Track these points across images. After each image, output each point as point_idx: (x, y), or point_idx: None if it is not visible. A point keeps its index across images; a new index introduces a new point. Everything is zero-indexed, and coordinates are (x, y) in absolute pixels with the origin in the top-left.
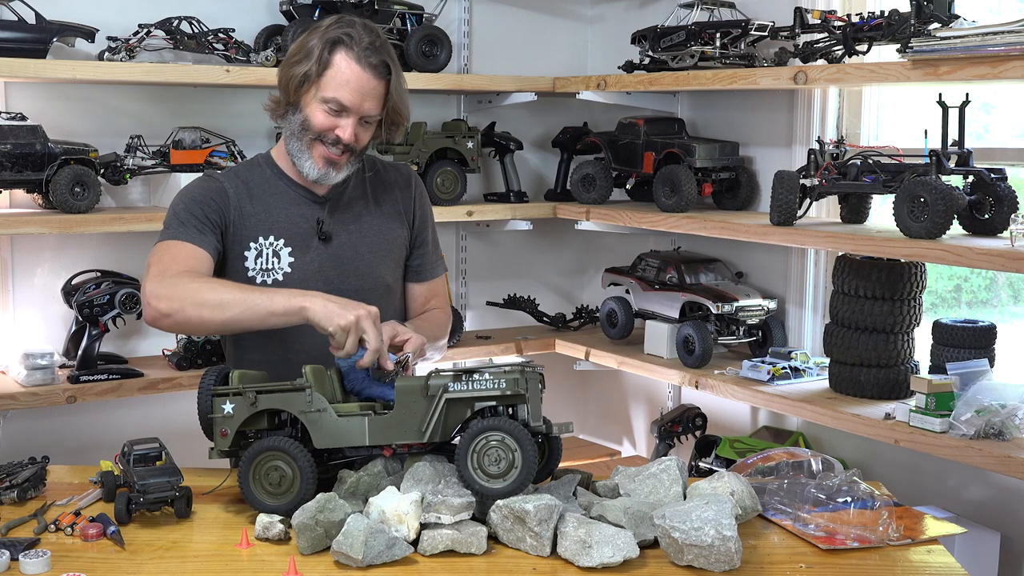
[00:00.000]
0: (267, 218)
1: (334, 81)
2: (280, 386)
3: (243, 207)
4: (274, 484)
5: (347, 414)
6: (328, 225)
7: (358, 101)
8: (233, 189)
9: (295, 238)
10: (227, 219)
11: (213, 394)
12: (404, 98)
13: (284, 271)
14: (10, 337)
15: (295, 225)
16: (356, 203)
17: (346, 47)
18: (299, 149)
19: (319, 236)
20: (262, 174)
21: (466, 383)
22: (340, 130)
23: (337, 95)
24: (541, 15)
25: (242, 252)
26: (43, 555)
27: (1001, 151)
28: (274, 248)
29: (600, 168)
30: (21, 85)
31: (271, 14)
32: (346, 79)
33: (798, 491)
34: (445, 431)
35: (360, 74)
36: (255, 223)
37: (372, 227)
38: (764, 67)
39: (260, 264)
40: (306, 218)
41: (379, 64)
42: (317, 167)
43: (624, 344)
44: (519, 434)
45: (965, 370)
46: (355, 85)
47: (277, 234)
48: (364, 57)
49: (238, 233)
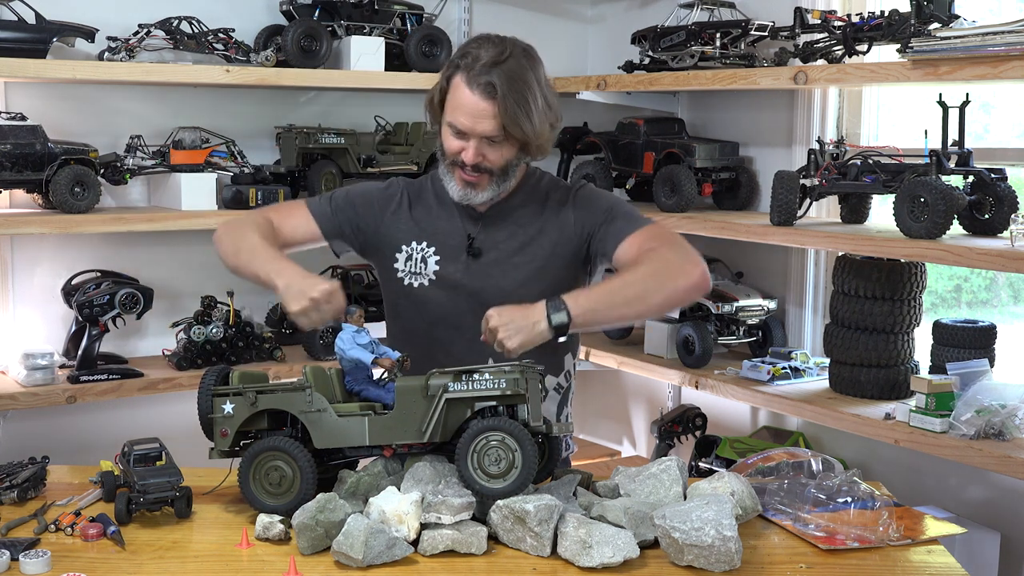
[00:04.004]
0: (426, 227)
1: (451, 104)
2: (280, 386)
3: (406, 212)
4: (274, 484)
5: (347, 414)
6: (480, 241)
7: (471, 124)
8: (401, 195)
9: (446, 248)
10: (383, 215)
11: (213, 394)
12: (521, 116)
13: (430, 277)
14: (10, 337)
15: (449, 236)
16: (516, 222)
17: (462, 69)
18: (444, 172)
19: (469, 251)
20: (431, 190)
21: (466, 383)
22: (464, 153)
23: (453, 119)
24: (541, 15)
25: (394, 253)
26: (43, 555)
27: (1001, 151)
28: (424, 254)
29: (600, 168)
30: (21, 85)
31: (271, 14)
32: (458, 103)
33: (798, 491)
34: (445, 431)
35: (469, 96)
36: (412, 229)
37: (521, 243)
38: (764, 67)
39: (409, 267)
40: (460, 232)
41: (487, 84)
42: (458, 189)
43: (624, 344)
44: (519, 434)
45: (965, 370)
46: (465, 108)
47: (429, 242)
48: (474, 78)
49: (392, 234)
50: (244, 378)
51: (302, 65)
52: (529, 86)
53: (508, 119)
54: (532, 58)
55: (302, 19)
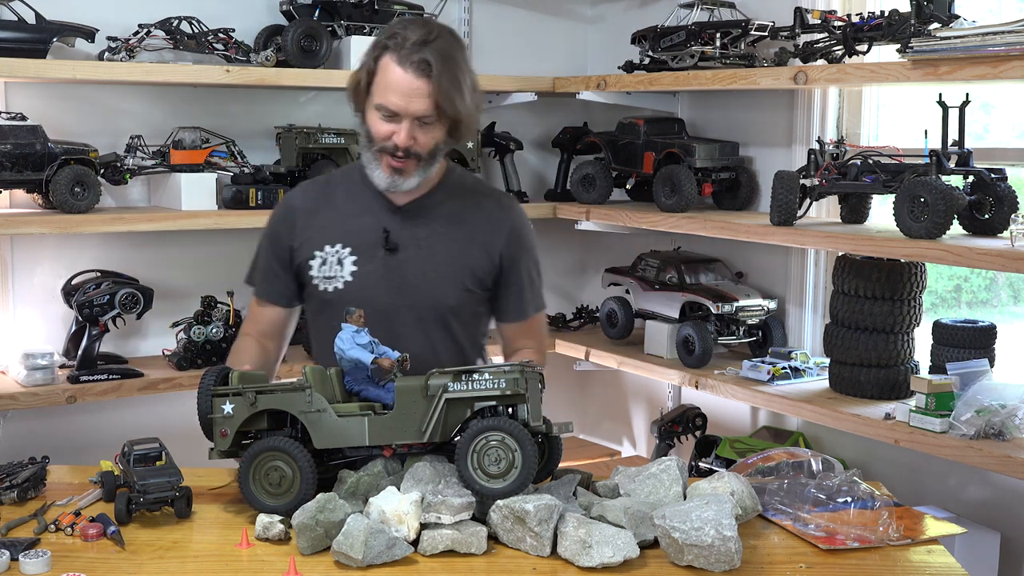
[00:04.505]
0: (339, 226)
1: (380, 86)
2: (280, 386)
3: (314, 219)
4: (274, 484)
5: (347, 414)
6: (396, 236)
7: (404, 103)
8: (305, 204)
9: (362, 247)
10: (291, 238)
11: (213, 394)
12: (455, 94)
13: (345, 279)
14: (10, 337)
15: (364, 234)
16: (435, 219)
17: (390, 50)
18: (369, 159)
19: (385, 247)
20: (351, 181)
21: (466, 383)
22: (396, 135)
23: (384, 100)
24: (541, 15)
25: (308, 261)
26: (43, 555)
27: (1001, 151)
28: (339, 256)
29: (600, 168)
30: (21, 85)
31: (271, 14)
32: (389, 82)
33: (798, 491)
34: (445, 431)
35: (401, 75)
36: (325, 232)
37: (444, 246)
38: (764, 67)
39: (323, 272)
40: (376, 227)
41: (420, 62)
42: (385, 175)
43: (624, 344)
44: (519, 434)
45: (965, 370)
46: (397, 87)
47: (344, 242)
48: (406, 57)
49: (306, 245)
50: (244, 378)
51: (302, 65)
52: (459, 65)
53: (443, 96)
54: (458, 39)
55: (302, 19)
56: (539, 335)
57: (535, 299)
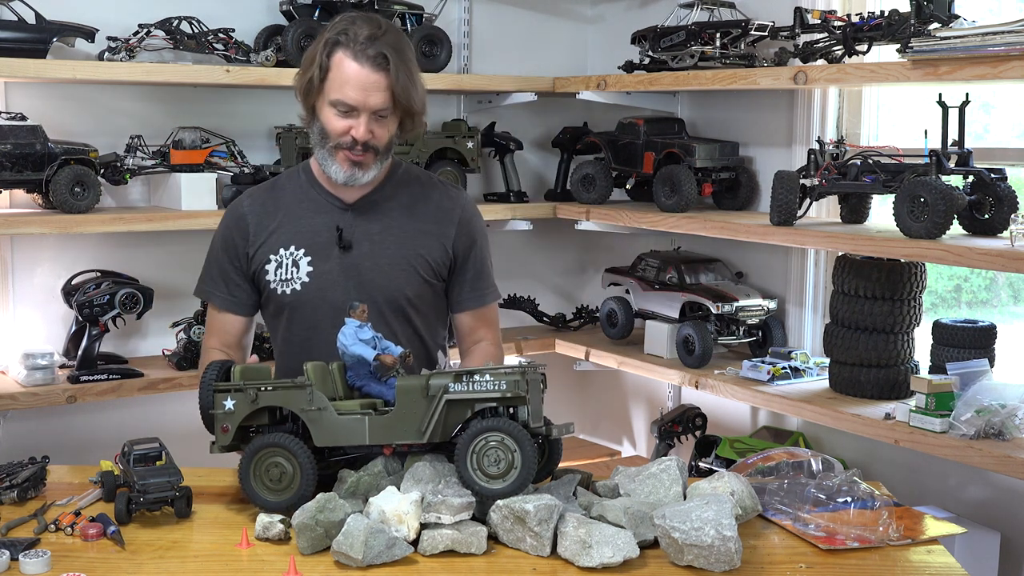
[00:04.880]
0: (291, 229)
1: (336, 82)
2: (281, 383)
3: (265, 224)
4: (274, 480)
5: (348, 413)
6: (349, 233)
7: (362, 98)
8: (254, 210)
9: (316, 247)
10: (247, 246)
11: (215, 390)
12: (411, 87)
13: (302, 280)
14: (10, 337)
15: (317, 234)
16: (387, 214)
17: (343, 46)
18: (324, 156)
19: (339, 244)
20: (297, 183)
21: (466, 384)
22: (354, 130)
23: (341, 96)
24: (541, 15)
25: (264, 266)
26: (43, 555)
27: (1001, 151)
28: (294, 258)
29: (600, 168)
30: (21, 85)
31: (271, 14)
32: (346, 78)
33: (798, 491)
34: (445, 431)
35: (358, 70)
36: (278, 236)
37: (397, 240)
38: (764, 67)
39: (280, 275)
40: (329, 226)
41: (376, 56)
42: (343, 170)
43: (624, 344)
44: (518, 434)
45: (965, 370)
46: (355, 82)
47: (298, 244)
48: (361, 51)
49: (261, 250)
50: (246, 373)
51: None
52: (411, 59)
53: (400, 88)
54: (403, 34)
55: (302, 19)
56: (494, 326)
57: (490, 287)
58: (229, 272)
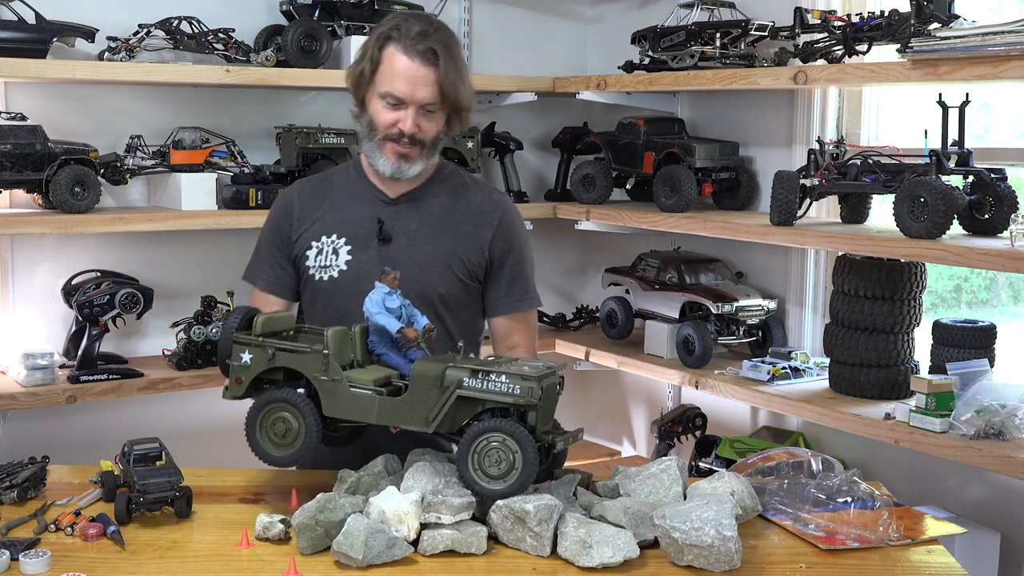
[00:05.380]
0: (335, 218)
1: (386, 75)
2: (300, 347)
3: (311, 211)
4: (279, 435)
5: (360, 387)
6: (390, 226)
7: (410, 91)
8: (302, 198)
9: (357, 237)
10: (291, 230)
11: (234, 340)
12: (459, 84)
13: (340, 268)
14: (10, 337)
15: (360, 225)
16: (426, 211)
17: (394, 40)
18: (372, 149)
19: (379, 237)
20: (346, 176)
21: (482, 381)
22: (401, 123)
23: (390, 88)
24: (541, 15)
25: (305, 251)
26: (43, 555)
27: (1001, 151)
28: (334, 246)
29: (600, 168)
30: (21, 85)
31: (271, 14)
32: (395, 71)
33: (798, 491)
34: (453, 423)
35: (408, 64)
36: (322, 224)
37: (434, 237)
38: (764, 67)
39: (319, 261)
40: (371, 218)
41: (426, 51)
42: (390, 162)
43: (624, 344)
44: (521, 437)
45: (965, 370)
46: (404, 75)
47: (340, 233)
48: (411, 46)
49: (304, 236)
50: (268, 323)
51: (302, 65)
52: (459, 56)
53: (448, 84)
54: (453, 33)
55: (302, 19)
56: (530, 333)
57: (526, 294)
58: (275, 255)
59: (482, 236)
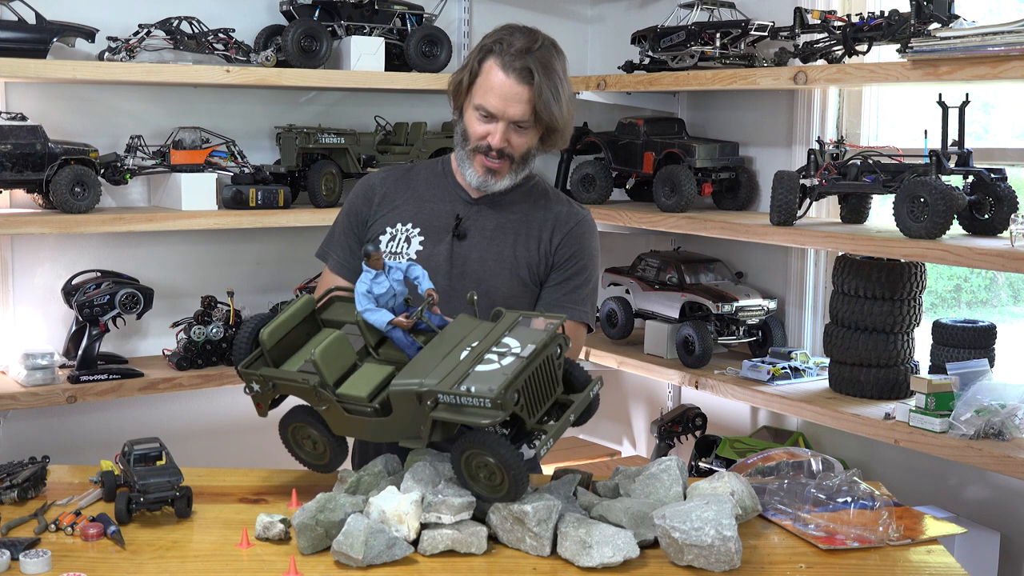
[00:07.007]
0: (413, 208)
1: (481, 88)
2: (293, 379)
3: (391, 198)
4: (310, 450)
5: (354, 406)
6: (467, 224)
7: (502, 107)
8: (385, 184)
9: (431, 230)
10: (368, 213)
11: (238, 372)
12: (553, 103)
13: (409, 257)
14: (10, 337)
15: (437, 218)
16: (505, 215)
17: (495, 54)
18: (462, 158)
19: (454, 232)
20: (433, 171)
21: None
22: (491, 136)
23: (483, 101)
24: (541, 15)
25: (378, 236)
26: (43, 555)
27: (1001, 151)
28: (408, 235)
29: (600, 168)
30: (21, 85)
31: (271, 14)
32: (491, 85)
33: (798, 491)
34: (445, 433)
35: (503, 80)
36: (400, 212)
37: (507, 240)
38: (764, 67)
39: (391, 247)
40: (450, 214)
41: (523, 69)
42: (477, 175)
43: (624, 344)
44: (501, 454)
45: (965, 370)
46: (499, 91)
47: (416, 223)
48: (510, 63)
49: (380, 221)
50: (274, 334)
51: (302, 65)
52: (559, 76)
53: (542, 104)
54: (559, 50)
55: (302, 19)
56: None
57: (579, 306)
58: (348, 237)
59: (549, 240)
